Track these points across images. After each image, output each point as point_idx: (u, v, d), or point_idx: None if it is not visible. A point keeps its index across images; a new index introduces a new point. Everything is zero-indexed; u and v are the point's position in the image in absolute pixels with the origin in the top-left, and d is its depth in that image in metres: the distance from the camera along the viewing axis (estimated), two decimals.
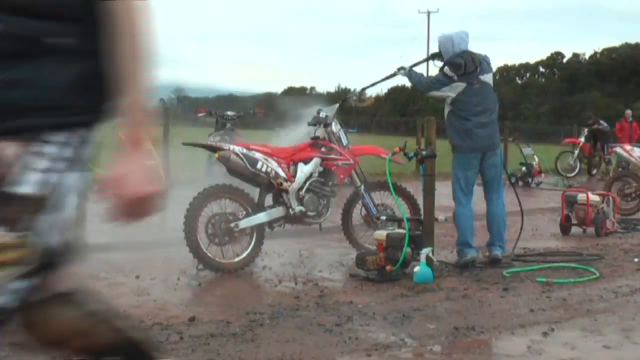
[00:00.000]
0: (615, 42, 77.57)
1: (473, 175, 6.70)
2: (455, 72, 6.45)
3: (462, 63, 6.38)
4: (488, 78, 6.67)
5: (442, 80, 6.57)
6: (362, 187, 6.94)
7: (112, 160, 1.93)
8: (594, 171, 17.99)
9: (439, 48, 6.66)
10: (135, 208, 1.89)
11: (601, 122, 18.95)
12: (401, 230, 6.19)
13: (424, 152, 6.28)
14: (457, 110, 6.54)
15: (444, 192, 6.51)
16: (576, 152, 18.06)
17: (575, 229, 8.87)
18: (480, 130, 6.51)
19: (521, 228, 7.29)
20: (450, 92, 6.50)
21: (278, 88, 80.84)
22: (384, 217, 6.67)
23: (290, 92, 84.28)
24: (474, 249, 6.54)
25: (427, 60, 7.26)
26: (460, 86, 6.47)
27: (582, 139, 18.31)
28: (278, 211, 6.42)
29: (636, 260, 7.15)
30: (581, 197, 8.88)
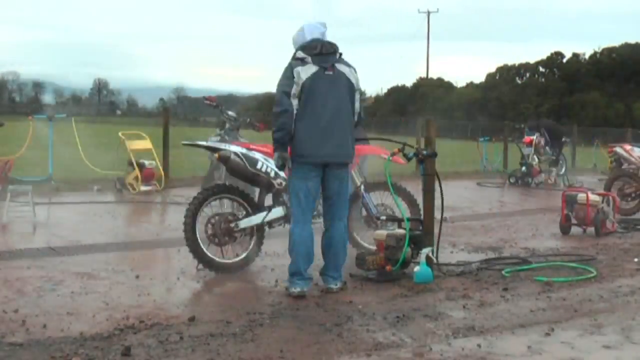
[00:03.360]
0: (615, 42, 77.46)
1: (314, 187, 5.52)
2: (309, 53, 5.43)
3: (317, 45, 5.45)
4: (347, 72, 5.54)
5: (293, 65, 5.43)
6: (362, 187, 6.94)
7: None
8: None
9: (293, 44, 5.62)
10: None
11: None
12: (401, 230, 6.19)
13: (424, 152, 6.28)
14: (303, 105, 5.38)
15: (444, 192, 6.49)
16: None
17: (575, 229, 8.87)
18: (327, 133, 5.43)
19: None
20: (299, 78, 5.36)
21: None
22: (384, 217, 6.67)
23: None
24: (307, 280, 5.44)
25: None
26: (312, 68, 5.39)
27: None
28: (278, 211, 6.41)
29: (636, 260, 7.15)
30: (581, 197, 8.88)
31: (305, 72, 5.38)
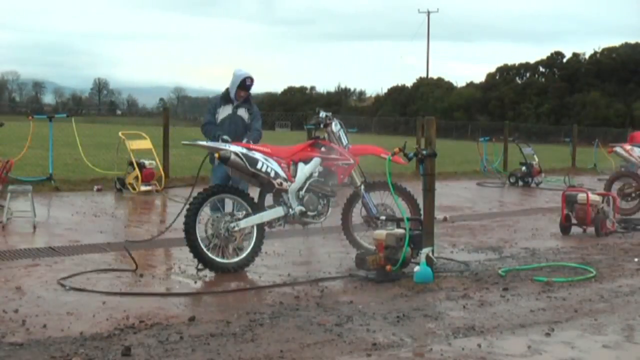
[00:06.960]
0: (615, 42, 77.45)
1: None
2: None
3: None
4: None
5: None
6: (362, 187, 6.94)
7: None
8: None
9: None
10: None
11: None
12: (401, 230, 6.19)
13: (424, 152, 6.28)
14: None
15: (444, 192, 6.49)
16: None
17: (575, 229, 8.87)
18: None
19: None
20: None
21: (278, 88, 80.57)
22: (384, 217, 6.67)
23: (290, 92, 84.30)
24: None
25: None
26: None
27: None
28: (278, 211, 6.42)
29: (636, 260, 7.16)
30: (581, 197, 8.88)
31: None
